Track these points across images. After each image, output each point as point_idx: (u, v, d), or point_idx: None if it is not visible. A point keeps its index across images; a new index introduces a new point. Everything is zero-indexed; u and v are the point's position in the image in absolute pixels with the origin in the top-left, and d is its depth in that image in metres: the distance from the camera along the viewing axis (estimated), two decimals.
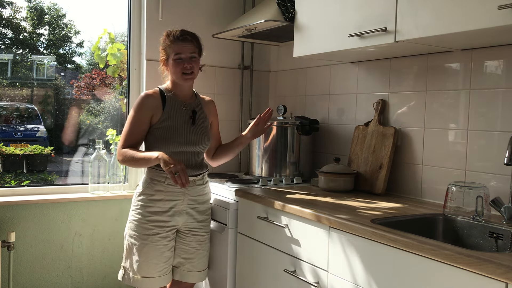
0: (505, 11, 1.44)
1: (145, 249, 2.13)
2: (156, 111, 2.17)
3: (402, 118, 2.31)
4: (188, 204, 2.20)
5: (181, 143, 2.17)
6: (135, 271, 2.15)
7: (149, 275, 2.14)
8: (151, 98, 2.18)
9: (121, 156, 2.14)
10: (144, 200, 2.16)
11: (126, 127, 2.18)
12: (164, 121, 2.16)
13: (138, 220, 2.15)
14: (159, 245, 2.15)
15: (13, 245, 2.48)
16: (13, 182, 3.07)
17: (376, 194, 2.28)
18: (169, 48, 2.16)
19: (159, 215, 2.15)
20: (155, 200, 2.15)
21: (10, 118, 3.45)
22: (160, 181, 2.15)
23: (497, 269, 1.21)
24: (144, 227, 2.14)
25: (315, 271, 1.86)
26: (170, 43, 2.16)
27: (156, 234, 2.14)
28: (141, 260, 2.13)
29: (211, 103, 2.37)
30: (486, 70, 1.95)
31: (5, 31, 3.33)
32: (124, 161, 2.14)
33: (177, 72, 2.16)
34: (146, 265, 2.13)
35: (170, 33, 2.19)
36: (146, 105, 2.16)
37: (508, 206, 1.71)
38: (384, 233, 1.54)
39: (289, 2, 2.39)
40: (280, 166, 2.67)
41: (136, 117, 2.16)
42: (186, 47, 2.15)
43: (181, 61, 2.14)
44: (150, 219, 2.14)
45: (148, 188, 2.16)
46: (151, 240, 2.13)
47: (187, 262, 2.25)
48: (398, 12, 1.82)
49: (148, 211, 2.15)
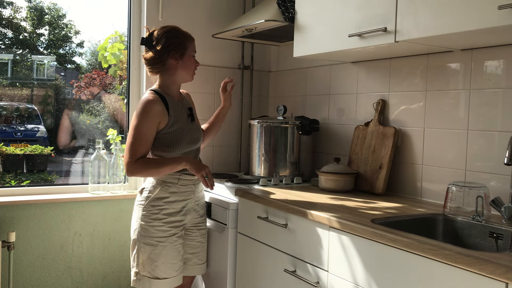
0: (505, 11, 1.44)
1: (164, 251, 2.13)
2: (162, 117, 2.11)
3: (402, 118, 2.31)
4: (195, 201, 2.27)
5: (188, 143, 2.19)
6: (154, 274, 2.13)
7: (169, 275, 2.15)
8: (156, 104, 2.10)
9: (134, 169, 2.05)
10: (158, 203, 2.15)
11: (133, 137, 2.06)
12: (172, 125, 2.14)
13: (152, 224, 2.13)
14: (177, 244, 2.18)
15: (13, 245, 2.48)
16: (13, 182, 3.07)
17: (376, 194, 2.28)
18: (186, 43, 2.20)
19: (174, 216, 2.17)
20: (170, 202, 2.16)
21: (10, 118, 3.45)
22: (173, 183, 2.16)
23: (497, 269, 1.21)
24: (162, 230, 2.14)
25: (315, 271, 1.86)
26: (187, 39, 2.21)
27: (174, 235, 2.16)
28: (160, 262, 2.13)
29: (189, 95, 2.42)
30: (486, 70, 1.95)
31: (5, 31, 3.33)
32: (141, 173, 2.09)
33: (193, 68, 2.24)
34: (166, 266, 2.14)
35: (183, 31, 2.22)
36: (153, 113, 2.09)
37: (508, 206, 1.71)
38: (384, 233, 1.54)
39: (289, 2, 2.39)
40: (280, 166, 2.67)
41: (144, 125, 2.07)
42: (195, 47, 2.27)
43: (195, 59, 2.25)
44: (166, 221, 2.15)
45: (162, 191, 2.16)
46: (169, 242, 2.14)
47: (194, 256, 2.31)
48: (398, 12, 1.82)
49: (164, 213, 2.15)
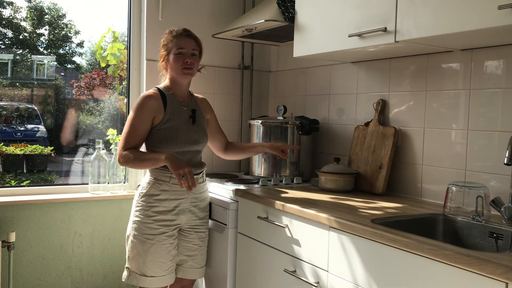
0: (505, 11, 1.44)
1: (152, 249, 2.13)
2: (158, 112, 2.15)
3: (402, 118, 2.31)
4: (191, 202, 2.23)
5: (183, 142, 2.18)
6: (142, 271, 2.14)
7: (156, 274, 2.15)
8: (152, 99, 2.16)
9: (123, 158, 2.11)
10: (149, 200, 2.16)
11: (127, 128, 2.14)
12: (167, 122, 2.16)
13: (143, 220, 2.15)
14: (166, 243, 2.16)
15: (13, 245, 2.48)
16: (13, 182, 3.07)
17: (376, 194, 2.28)
18: (171, 43, 2.17)
19: (165, 214, 2.16)
20: (161, 200, 2.16)
21: (10, 118, 3.45)
22: (165, 181, 2.16)
23: (497, 269, 1.21)
24: (150, 227, 2.14)
25: (315, 271, 1.86)
26: (173, 38, 2.18)
27: (163, 233, 2.15)
28: (148, 259, 2.13)
29: (205, 101, 2.40)
30: (486, 70, 1.95)
31: (5, 31, 3.33)
32: (127, 163, 2.12)
33: (178, 67, 2.16)
34: (153, 264, 2.14)
35: (173, 30, 2.21)
36: (147, 106, 2.14)
37: (508, 206, 1.71)
38: (384, 233, 1.54)
39: (289, 2, 2.39)
40: (280, 166, 2.67)
41: (138, 118, 2.13)
42: (189, 43, 2.19)
43: (182, 56, 2.16)
44: (156, 218, 2.15)
45: (153, 188, 2.16)
46: (157, 240, 2.14)
47: (190, 259, 2.28)
48: (398, 12, 1.82)
49: (154, 211, 2.15)
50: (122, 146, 2.13)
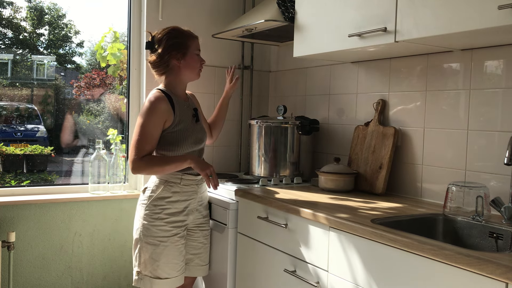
0: (505, 11, 1.44)
1: (166, 251, 2.13)
2: (168, 115, 2.12)
3: (402, 118, 2.31)
4: (198, 201, 2.26)
5: (192, 143, 2.19)
6: (156, 274, 2.13)
7: (170, 275, 2.15)
8: (163, 103, 2.11)
9: (140, 167, 2.06)
10: (161, 202, 2.15)
11: (139, 135, 2.06)
12: (178, 124, 2.14)
13: (155, 223, 2.14)
14: (178, 244, 2.17)
15: (13, 245, 2.48)
16: (13, 182, 3.07)
17: (376, 194, 2.28)
18: (188, 42, 2.18)
19: (176, 216, 2.17)
20: (172, 202, 2.16)
21: (10, 118, 3.45)
22: (176, 183, 2.16)
23: (497, 269, 1.21)
24: (163, 229, 2.14)
25: (315, 271, 1.86)
26: (188, 38, 2.19)
27: (176, 235, 2.16)
28: (162, 262, 2.13)
29: (194, 96, 2.43)
30: (486, 70, 1.95)
31: (5, 31, 3.33)
32: (145, 170, 2.09)
33: (197, 67, 2.22)
34: (167, 266, 2.14)
35: (181, 29, 2.21)
36: (160, 111, 2.09)
37: (508, 206, 1.71)
38: (384, 233, 1.54)
39: (289, 2, 2.39)
40: (280, 166, 2.67)
41: (151, 123, 2.07)
42: (199, 45, 2.25)
43: (199, 57, 2.23)
44: (168, 220, 2.15)
45: (165, 190, 2.15)
46: (171, 241, 2.15)
47: (196, 257, 2.31)
48: (398, 12, 1.82)
49: (166, 213, 2.15)
50: (136, 154, 2.05)
